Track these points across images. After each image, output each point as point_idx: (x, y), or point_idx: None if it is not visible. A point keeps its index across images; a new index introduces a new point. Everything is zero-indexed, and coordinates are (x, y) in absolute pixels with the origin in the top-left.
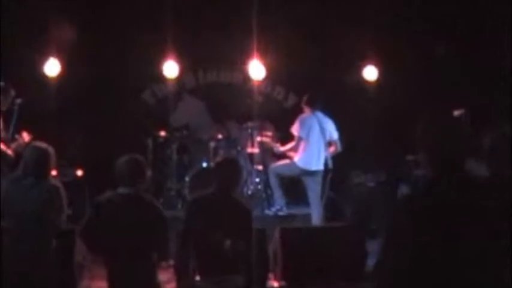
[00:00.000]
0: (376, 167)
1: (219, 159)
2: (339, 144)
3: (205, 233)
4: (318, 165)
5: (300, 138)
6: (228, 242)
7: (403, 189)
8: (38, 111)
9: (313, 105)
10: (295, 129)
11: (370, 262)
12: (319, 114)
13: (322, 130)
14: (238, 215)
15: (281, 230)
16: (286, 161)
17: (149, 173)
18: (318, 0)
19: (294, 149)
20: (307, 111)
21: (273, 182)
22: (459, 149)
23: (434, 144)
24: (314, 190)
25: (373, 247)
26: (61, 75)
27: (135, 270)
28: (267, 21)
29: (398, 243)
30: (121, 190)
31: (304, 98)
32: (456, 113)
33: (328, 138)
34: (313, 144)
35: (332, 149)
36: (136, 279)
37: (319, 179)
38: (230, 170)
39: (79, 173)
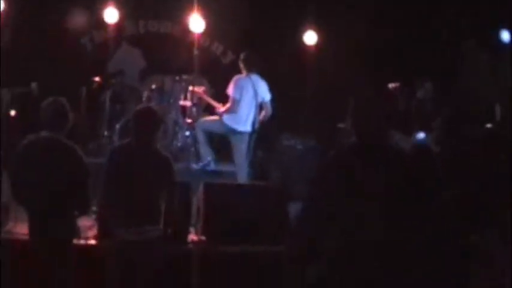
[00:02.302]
0: (307, 132)
1: (137, 108)
2: (269, 107)
3: (125, 183)
4: (246, 127)
5: (234, 100)
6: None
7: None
8: None
9: (249, 67)
10: (230, 91)
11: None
12: (254, 76)
13: (255, 92)
14: (158, 164)
15: (205, 185)
16: (214, 117)
17: (72, 116)
18: None
19: (233, 110)
20: (242, 72)
21: (200, 137)
22: (377, 121)
23: (356, 115)
24: (240, 149)
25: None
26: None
27: (53, 218)
28: None
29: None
30: (43, 133)
31: (241, 57)
32: (391, 85)
33: (260, 100)
34: (244, 105)
35: (262, 112)
36: (55, 227)
37: (245, 139)
38: (147, 120)
39: (12, 113)
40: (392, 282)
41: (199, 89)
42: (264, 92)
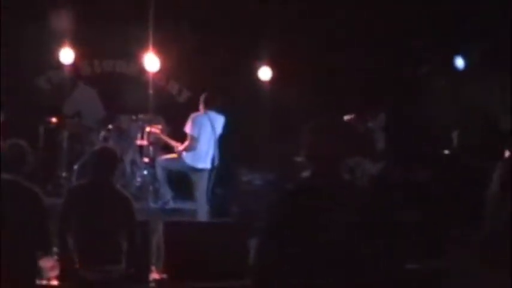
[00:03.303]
0: (264, 167)
1: (95, 148)
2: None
3: (84, 222)
4: (205, 163)
5: (192, 137)
6: None
7: None
8: None
9: (208, 105)
10: (187, 128)
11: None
12: (211, 113)
13: (213, 128)
14: (117, 203)
15: (165, 224)
16: (173, 156)
17: (32, 158)
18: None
19: (192, 147)
20: (200, 109)
21: (160, 175)
22: (332, 152)
23: (310, 147)
24: (200, 187)
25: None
26: None
27: (14, 259)
28: (165, 14)
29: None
30: (3, 176)
31: (202, 97)
32: (346, 117)
33: (217, 136)
34: (203, 143)
35: None
36: (17, 268)
37: (205, 176)
38: (105, 159)
39: None
40: None
41: (156, 129)
42: (220, 127)
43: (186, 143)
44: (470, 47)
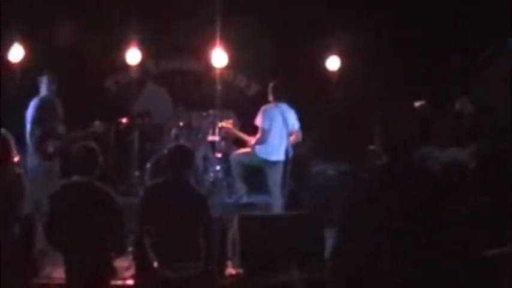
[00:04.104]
0: (336, 157)
1: (170, 146)
2: (300, 134)
3: (161, 220)
4: (279, 156)
5: (263, 130)
6: None
7: None
8: None
9: (277, 96)
10: (258, 121)
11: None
12: (282, 105)
13: (285, 120)
14: (193, 200)
15: (240, 218)
16: (247, 150)
17: (102, 160)
18: None
19: (262, 141)
20: (270, 101)
21: (235, 170)
22: (405, 140)
23: (384, 135)
24: (274, 180)
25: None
26: (25, 62)
27: (90, 260)
28: (230, 8)
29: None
30: (75, 178)
31: (270, 87)
32: (417, 104)
33: (290, 128)
34: (275, 135)
35: (293, 138)
36: (92, 269)
37: (280, 168)
38: (181, 156)
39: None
40: None
41: (228, 124)
42: (294, 120)
43: (257, 136)
44: None
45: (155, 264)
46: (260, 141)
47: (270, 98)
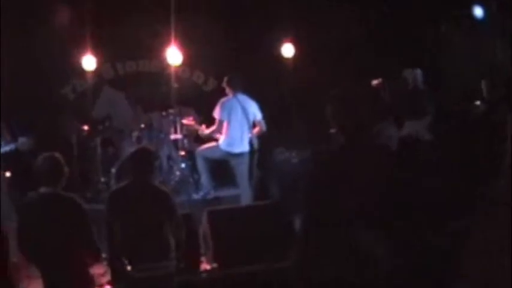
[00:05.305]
0: (299, 144)
1: (133, 150)
2: (263, 124)
3: (129, 223)
4: (242, 147)
5: (220, 122)
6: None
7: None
8: None
9: (234, 87)
10: (216, 113)
11: None
12: (241, 96)
13: (245, 112)
14: (158, 199)
15: (208, 213)
16: (211, 144)
17: (67, 169)
18: None
19: (217, 131)
20: (229, 94)
21: (200, 165)
22: (360, 118)
23: (337, 116)
24: (240, 171)
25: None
26: None
27: (66, 270)
28: (182, 5)
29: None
30: (42, 190)
31: (225, 80)
32: (374, 82)
33: (252, 119)
34: (235, 126)
35: (257, 129)
36: (69, 279)
37: (245, 160)
38: (143, 158)
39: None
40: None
41: (190, 121)
42: (255, 110)
43: (213, 127)
44: None
45: (128, 267)
46: (215, 132)
47: (228, 90)
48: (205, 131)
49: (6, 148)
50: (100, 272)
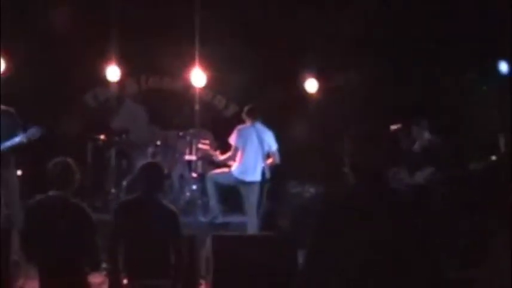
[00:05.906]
0: (313, 179)
1: (142, 163)
2: (277, 155)
3: (133, 237)
4: (254, 176)
5: (236, 148)
6: None
7: None
8: None
9: (253, 117)
10: (232, 139)
11: None
12: (258, 125)
13: (261, 141)
14: (163, 217)
15: (213, 237)
16: (223, 170)
17: (79, 175)
18: (261, 10)
19: (231, 158)
20: (246, 122)
21: (210, 189)
22: (376, 161)
23: (352, 156)
24: (250, 200)
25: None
26: (4, 75)
27: (64, 275)
28: (211, 29)
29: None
30: (51, 193)
31: (245, 109)
32: (393, 127)
33: (266, 149)
34: (250, 155)
35: (270, 160)
36: (66, 285)
37: (255, 189)
38: (153, 174)
39: (18, 172)
40: None
41: (205, 145)
42: (271, 141)
43: (228, 153)
44: None
45: (124, 281)
46: (230, 159)
47: (246, 119)
48: (219, 157)
49: (16, 140)
50: (98, 281)
